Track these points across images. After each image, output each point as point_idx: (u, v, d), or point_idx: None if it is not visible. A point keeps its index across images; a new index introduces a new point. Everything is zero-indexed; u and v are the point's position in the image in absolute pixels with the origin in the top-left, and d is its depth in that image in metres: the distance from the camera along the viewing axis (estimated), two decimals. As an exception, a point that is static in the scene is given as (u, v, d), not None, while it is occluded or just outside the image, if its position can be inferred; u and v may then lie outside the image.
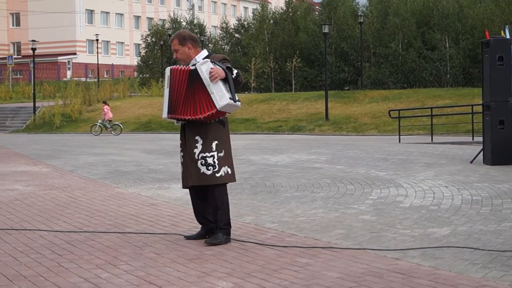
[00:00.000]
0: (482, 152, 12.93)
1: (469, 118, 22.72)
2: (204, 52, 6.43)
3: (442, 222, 7.26)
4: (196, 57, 6.37)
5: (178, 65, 6.32)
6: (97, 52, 64.69)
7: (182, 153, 6.44)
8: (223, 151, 6.28)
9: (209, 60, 6.17)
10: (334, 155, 14.93)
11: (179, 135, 6.55)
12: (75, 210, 8.48)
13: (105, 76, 72.62)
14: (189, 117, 6.21)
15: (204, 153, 6.24)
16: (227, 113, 6.30)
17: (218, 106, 6.08)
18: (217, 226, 6.36)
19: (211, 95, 6.08)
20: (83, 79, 62.08)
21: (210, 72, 6.08)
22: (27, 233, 6.97)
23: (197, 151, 6.26)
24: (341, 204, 8.59)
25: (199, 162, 6.24)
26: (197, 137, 6.27)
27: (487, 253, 5.79)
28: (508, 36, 13.54)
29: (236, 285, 4.92)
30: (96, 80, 56.59)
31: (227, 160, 6.31)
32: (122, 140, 24.23)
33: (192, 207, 6.67)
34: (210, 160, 6.23)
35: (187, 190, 6.66)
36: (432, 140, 21.10)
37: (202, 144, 6.24)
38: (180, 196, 9.39)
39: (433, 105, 26.91)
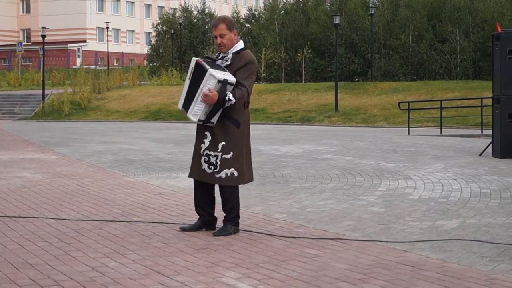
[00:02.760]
0: (491, 145, 12.87)
1: (478, 111, 22.62)
2: (241, 44, 6.28)
3: (450, 214, 7.23)
4: (230, 50, 6.22)
5: (203, 60, 6.16)
6: (107, 40, 64.67)
7: (195, 141, 6.40)
8: (231, 153, 6.16)
9: (218, 79, 5.95)
10: (343, 146, 14.89)
11: (188, 124, 6.54)
12: (83, 198, 8.49)
13: (114, 64, 72.58)
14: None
15: (209, 151, 6.18)
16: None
17: (187, 114, 6.15)
18: (225, 218, 6.34)
19: (193, 101, 6.05)
20: (92, 67, 62.08)
21: (205, 94, 5.95)
22: (35, 221, 6.98)
23: (203, 146, 6.21)
24: (350, 195, 8.56)
25: (202, 158, 6.21)
26: (206, 132, 6.22)
27: (495, 246, 5.76)
28: (520, 29, 13.43)
29: (244, 276, 4.91)
30: (105, 68, 56.59)
31: (235, 163, 6.18)
32: (131, 129, 24.25)
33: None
34: (213, 160, 6.16)
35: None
36: (441, 133, 21.02)
37: (209, 141, 6.18)
38: (189, 186, 9.34)
39: (442, 98, 26.76)
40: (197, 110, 6.06)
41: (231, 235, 6.21)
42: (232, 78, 6.05)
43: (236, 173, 6.20)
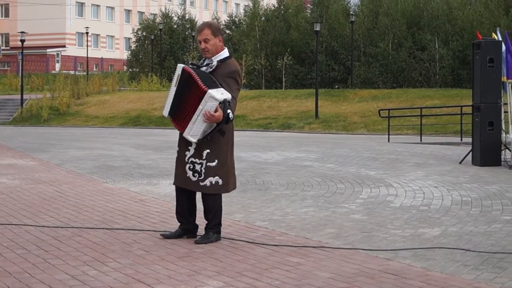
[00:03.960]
0: (471, 153, 12.91)
1: (458, 118, 22.75)
2: (225, 52, 6.22)
3: (432, 222, 7.22)
4: (215, 57, 6.15)
5: (189, 66, 6.10)
6: (87, 45, 64.38)
7: (178, 148, 6.32)
8: (216, 161, 6.10)
9: (219, 100, 5.86)
10: (324, 154, 14.88)
11: (168, 130, 6.47)
12: (62, 205, 8.38)
13: (94, 69, 72.26)
14: (172, 121, 6.15)
15: (194, 159, 6.13)
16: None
17: (184, 134, 6.03)
18: (207, 226, 6.28)
19: (190, 123, 5.96)
20: (72, 72, 61.67)
21: (212, 115, 5.85)
22: (13, 228, 6.86)
23: (188, 154, 6.16)
24: (331, 203, 8.54)
25: (187, 165, 6.15)
26: None
27: (478, 254, 5.75)
28: (500, 38, 13.52)
29: (227, 284, 4.85)
30: (85, 73, 56.31)
31: (220, 170, 6.12)
32: (110, 135, 24.10)
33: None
34: (198, 167, 6.11)
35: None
36: (421, 140, 21.10)
37: (194, 149, 6.12)
38: (169, 192, 9.29)
39: (422, 105, 26.92)
40: (196, 131, 5.98)
41: (213, 243, 6.15)
42: (228, 95, 5.99)
43: (220, 181, 6.15)
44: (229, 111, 5.97)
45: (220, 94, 5.94)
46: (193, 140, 6.02)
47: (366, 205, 8.36)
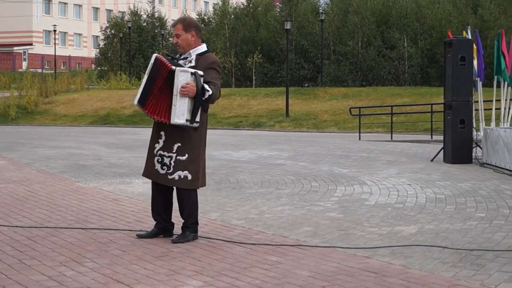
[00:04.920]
0: (442, 151, 13.01)
1: (428, 116, 22.93)
2: (203, 47, 6.21)
3: (408, 220, 7.24)
4: (192, 50, 6.16)
5: (163, 56, 6.06)
6: (54, 43, 63.71)
7: (149, 141, 6.27)
8: (186, 155, 6.03)
9: (190, 71, 5.87)
10: (296, 152, 14.88)
11: (138, 129, 6.40)
12: (35, 204, 8.26)
13: (62, 68, 71.55)
14: (149, 114, 6.07)
15: (163, 152, 6.07)
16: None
17: (171, 121, 5.90)
18: (184, 225, 6.23)
19: (172, 107, 5.88)
20: (39, 70, 61.00)
21: (183, 87, 5.84)
22: (-14, 228, 6.74)
23: (158, 146, 6.10)
24: (306, 201, 8.52)
25: (156, 158, 6.10)
26: (161, 132, 6.10)
27: (455, 252, 5.77)
28: (470, 37, 13.64)
29: (207, 284, 4.80)
30: (52, 71, 55.71)
31: (189, 165, 6.05)
32: (80, 133, 23.87)
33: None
34: (166, 160, 6.05)
35: (150, 186, 6.46)
36: (391, 138, 21.21)
37: (164, 141, 6.06)
38: (143, 192, 9.21)
39: (392, 104, 27.10)
40: (180, 110, 5.87)
41: (190, 242, 6.09)
42: (200, 71, 5.96)
43: (189, 176, 6.08)
44: (205, 85, 5.91)
45: (189, 68, 5.93)
46: (181, 121, 5.87)
47: (341, 203, 8.37)
